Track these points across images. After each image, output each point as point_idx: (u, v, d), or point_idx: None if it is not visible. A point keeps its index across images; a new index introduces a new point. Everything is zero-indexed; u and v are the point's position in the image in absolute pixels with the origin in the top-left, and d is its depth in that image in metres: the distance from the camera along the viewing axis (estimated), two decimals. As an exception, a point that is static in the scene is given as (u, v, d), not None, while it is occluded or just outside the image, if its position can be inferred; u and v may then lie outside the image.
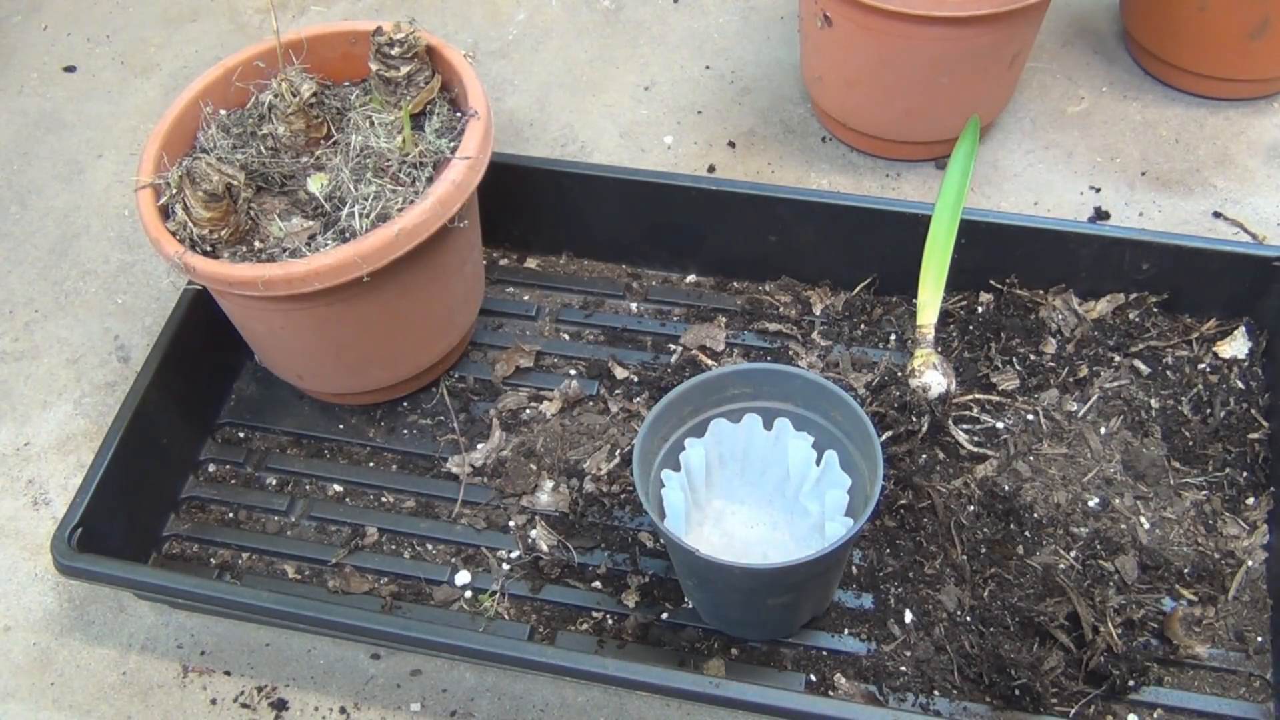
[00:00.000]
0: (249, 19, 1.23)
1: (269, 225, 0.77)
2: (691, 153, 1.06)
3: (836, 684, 0.73)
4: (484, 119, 0.79)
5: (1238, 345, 0.85)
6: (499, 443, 0.86)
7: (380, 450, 0.87)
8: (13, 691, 0.77)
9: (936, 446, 0.82)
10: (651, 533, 0.80)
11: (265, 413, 0.89)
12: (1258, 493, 0.79)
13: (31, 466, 0.89)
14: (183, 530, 0.84)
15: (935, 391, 0.81)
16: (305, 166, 0.80)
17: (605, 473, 0.83)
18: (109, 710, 0.76)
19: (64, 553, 0.73)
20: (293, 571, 0.81)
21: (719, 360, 0.89)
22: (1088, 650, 0.72)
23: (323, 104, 0.82)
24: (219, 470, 0.87)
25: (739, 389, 0.73)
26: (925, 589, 0.76)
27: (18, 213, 1.06)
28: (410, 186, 0.77)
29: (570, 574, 0.79)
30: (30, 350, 0.96)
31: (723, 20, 1.18)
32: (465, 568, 0.80)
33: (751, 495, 0.78)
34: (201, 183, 0.73)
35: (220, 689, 0.77)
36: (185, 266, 0.74)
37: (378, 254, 0.72)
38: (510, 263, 0.97)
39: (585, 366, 0.90)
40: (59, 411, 0.92)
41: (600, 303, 0.94)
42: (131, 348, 0.95)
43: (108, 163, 1.10)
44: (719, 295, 0.94)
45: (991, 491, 0.79)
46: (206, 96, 0.83)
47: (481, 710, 0.75)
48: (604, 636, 0.76)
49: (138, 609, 0.81)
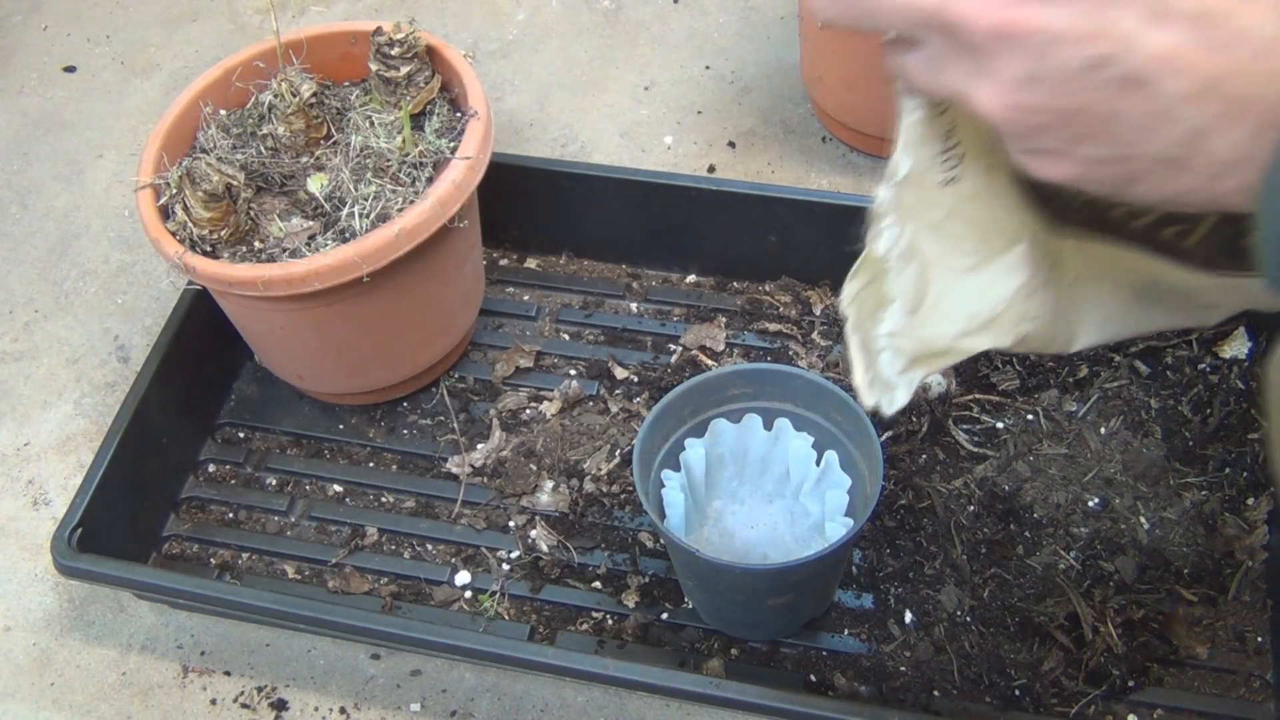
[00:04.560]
0: (249, 19, 1.23)
1: (269, 225, 0.77)
2: (691, 153, 1.06)
3: (836, 684, 0.73)
4: (484, 119, 0.79)
5: (1238, 345, 0.85)
6: (499, 443, 0.86)
7: (380, 450, 0.87)
8: (13, 691, 0.77)
9: (936, 446, 0.82)
10: (651, 533, 0.80)
11: (265, 413, 0.89)
12: (1258, 493, 0.79)
13: (31, 466, 0.89)
14: (183, 530, 0.84)
15: (935, 391, 0.81)
16: (305, 166, 0.80)
17: (605, 473, 0.83)
18: (109, 710, 0.76)
19: (64, 553, 0.73)
20: (293, 571, 0.81)
21: (719, 360, 0.89)
22: (1088, 650, 0.72)
23: (323, 104, 0.82)
24: (219, 470, 0.87)
25: (739, 389, 0.73)
26: (925, 589, 0.76)
27: (18, 213, 1.06)
28: (410, 186, 0.77)
29: (570, 574, 0.79)
30: (30, 350, 0.96)
31: (723, 20, 1.18)
32: (465, 568, 0.80)
33: (751, 495, 0.78)
34: (201, 183, 0.73)
35: (220, 689, 0.77)
36: (185, 267, 0.74)
37: (378, 254, 0.72)
38: (510, 263, 0.97)
39: (585, 366, 0.90)
40: (59, 411, 0.92)
41: (600, 303, 0.94)
42: (131, 348, 0.95)
43: (108, 163, 1.10)
44: (719, 295, 0.94)
45: (991, 491, 0.79)
46: (206, 96, 0.83)
47: (481, 710, 0.75)
48: (604, 636, 0.76)
49: (138, 609, 0.81)
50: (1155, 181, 0.32)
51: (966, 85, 0.33)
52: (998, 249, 0.44)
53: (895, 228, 0.44)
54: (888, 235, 0.44)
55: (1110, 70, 0.30)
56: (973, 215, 0.44)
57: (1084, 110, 0.31)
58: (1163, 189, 0.32)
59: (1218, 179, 0.30)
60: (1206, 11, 0.29)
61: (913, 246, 0.44)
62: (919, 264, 0.44)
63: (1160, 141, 0.30)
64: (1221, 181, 0.30)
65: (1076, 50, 0.30)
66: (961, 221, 0.44)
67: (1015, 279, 0.44)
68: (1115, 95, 0.30)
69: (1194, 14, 0.29)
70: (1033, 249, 0.45)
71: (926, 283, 0.45)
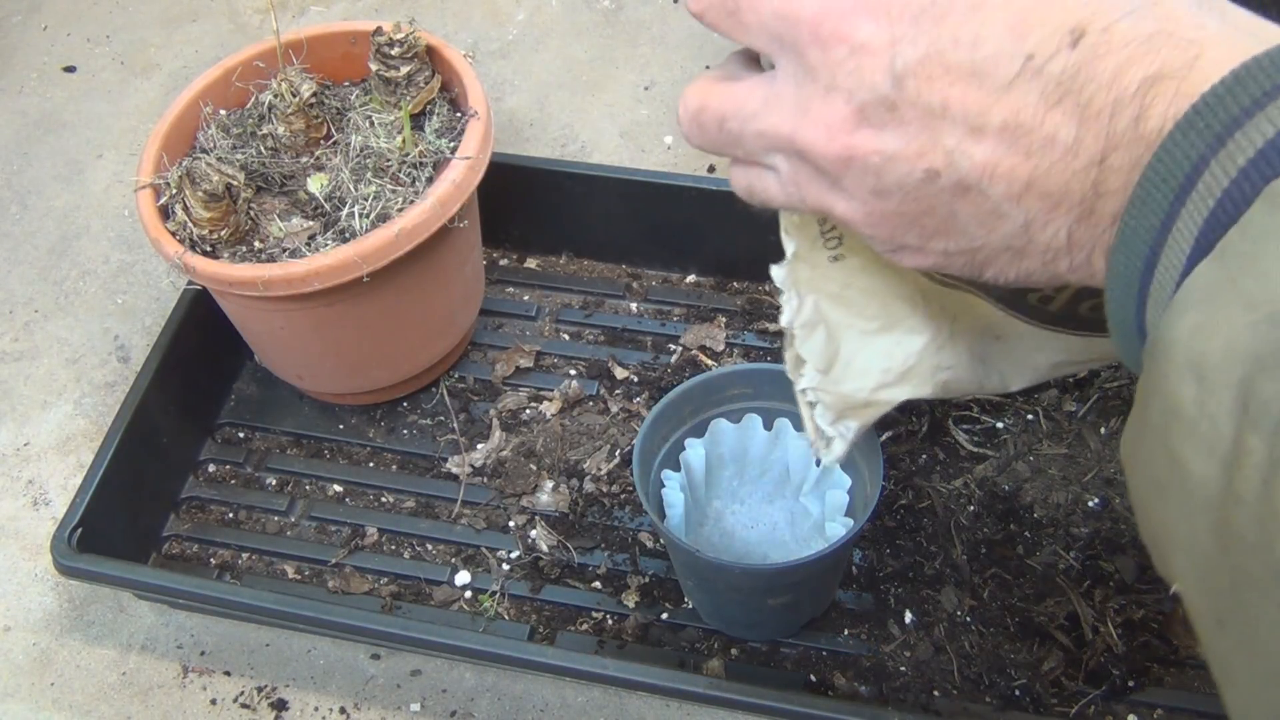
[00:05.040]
0: (249, 19, 1.23)
1: (269, 225, 0.77)
2: (691, 153, 1.06)
3: (836, 684, 0.73)
4: (484, 119, 0.79)
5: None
6: (499, 443, 0.86)
7: (380, 450, 0.87)
8: (13, 691, 0.77)
9: (936, 446, 0.82)
10: (651, 533, 0.80)
11: (265, 413, 0.89)
12: (1258, 493, 0.79)
13: (31, 466, 0.89)
14: (183, 530, 0.84)
15: (935, 391, 0.81)
16: (305, 166, 0.80)
17: (605, 473, 0.83)
18: (109, 710, 0.76)
19: (64, 553, 0.73)
20: (293, 571, 0.81)
21: (719, 360, 0.89)
22: (1088, 650, 0.72)
23: (323, 104, 0.82)
24: (219, 470, 0.87)
25: (739, 389, 0.73)
26: (925, 589, 0.76)
27: (18, 213, 1.06)
28: (410, 186, 0.77)
29: (570, 574, 0.79)
30: (30, 350, 0.96)
31: (723, 20, 1.18)
32: (465, 568, 0.80)
33: (751, 495, 0.78)
34: (201, 183, 0.73)
35: (220, 689, 0.77)
36: (185, 267, 0.74)
37: (378, 254, 0.73)
38: (510, 263, 0.97)
39: (585, 366, 0.90)
40: (59, 411, 0.92)
41: (600, 303, 0.94)
42: (131, 348, 0.95)
43: (108, 163, 1.10)
44: (719, 295, 0.94)
45: (991, 491, 0.79)
46: (206, 96, 0.83)
47: (481, 710, 0.75)
48: (604, 637, 0.76)
49: (138, 609, 0.81)
50: (1003, 266, 0.36)
51: (827, 201, 0.37)
52: (898, 313, 0.48)
53: (794, 300, 0.48)
54: (788, 309, 0.48)
55: (943, 180, 0.34)
56: (867, 285, 0.48)
57: (929, 213, 0.35)
58: (1012, 272, 0.36)
59: (1053, 262, 0.35)
60: (1015, 124, 0.32)
61: (818, 313, 0.48)
62: (826, 329, 0.48)
63: (999, 234, 0.35)
64: (1057, 264, 0.35)
65: (911, 167, 0.34)
66: (858, 291, 0.48)
67: (920, 336, 0.48)
68: (952, 200, 0.34)
69: (1005, 126, 0.32)
70: (930, 306, 0.48)
71: (837, 344, 0.49)
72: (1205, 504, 0.28)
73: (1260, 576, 0.27)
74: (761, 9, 0.36)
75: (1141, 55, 0.31)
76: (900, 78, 0.33)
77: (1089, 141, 0.32)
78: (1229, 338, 0.27)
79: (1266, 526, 0.26)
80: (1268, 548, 0.26)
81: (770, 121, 0.37)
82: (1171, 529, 0.30)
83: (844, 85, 0.35)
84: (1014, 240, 0.35)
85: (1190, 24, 0.31)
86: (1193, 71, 0.30)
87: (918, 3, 0.33)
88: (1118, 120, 0.31)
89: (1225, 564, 0.28)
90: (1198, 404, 0.28)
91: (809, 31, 0.35)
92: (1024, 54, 0.32)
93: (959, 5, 0.33)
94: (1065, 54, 0.32)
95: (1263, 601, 0.27)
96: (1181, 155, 0.29)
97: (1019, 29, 0.32)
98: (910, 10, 0.33)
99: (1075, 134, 0.32)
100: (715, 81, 0.40)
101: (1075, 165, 0.32)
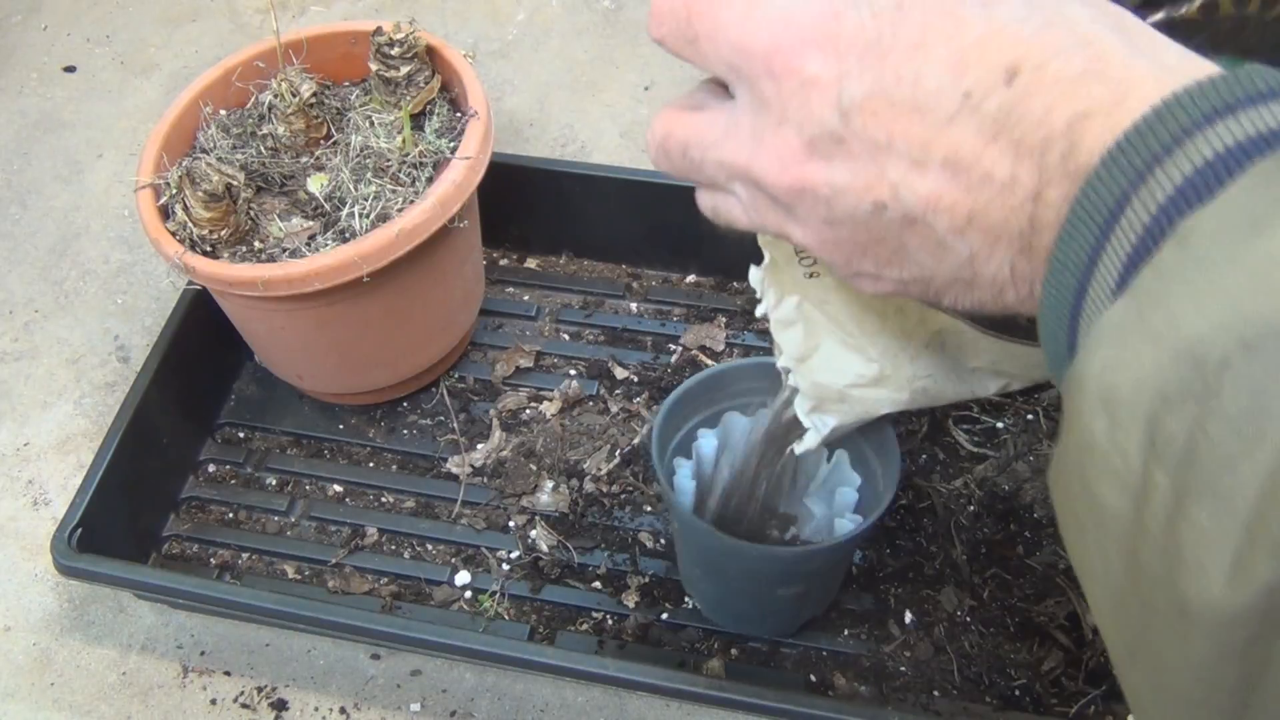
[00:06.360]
0: (249, 19, 1.23)
1: (269, 225, 0.77)
2: (691, 153, 1.06)
3: (836, 684, 0.73)
4: (484, 119, 0.79)
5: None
6: (499, 443, 0.86)
7: (380, 450, 0.87)
8: (13, 691, 0.77)
9: (936, 446, 0.82)
10: (652, 532, 0.80)
11: (265, 413, 0.89)
12: (1258, 493, 0.79)
13: (31, 466, 0.89)
14: (183, 530, 0.84)
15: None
16: (305, 166, 0.80)
17: (605, 473, 0.83)
18: (109, 710, 0.76)
19: (64, 553, 0.73)
20: (293, 571, 0.81)
21: (719, 360, 0.89)
22: (1088, 650, 0.72)
23: (323, 104, 0.82)
24: (219, 470, 0.87)
25: (754, 383, 0.73)
26: (925, 589, 0.76)
27: (18, 213, 1.06)
28: (410, 186, 0.77)
29: (570, 574, 0.79)
30: (30, 350, 0.96)
31: (723, 20, 1.18)
32: (465, 568, 0.80)
33: (755, 493, 0.77)
34: (201, 183, 0.73)
35: (220, 689, 0.77)
36: (185, 267, 0.74)
37: (378, 254, 0.72)
38: (510, 263, 0.97)
39: (585, 366, 0.90)
40: (59, 411, 0.92)
41: (600, 303, 0.94)
42: (131, 348, 0.95)
43: (108, 163, 1.10)
44: (719, 295, 0.94)
45: (991, 491, 0.79)
46: (206, 96, 0.83)
47: (481, 710, 0.75)
48: (604, 637, 0.76)
49: (138, 609, 0.81)
50: (958, 295, 0.37)
51: (785, 227, 0.38)
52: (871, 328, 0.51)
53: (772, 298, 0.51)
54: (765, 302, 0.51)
55: (890, 213, 0.35)
56: (843, 300, 0.50)
57: (880, 242, 0.36)
58: (966, 301, 0.37)
59: (1001, 295, 0.35)
60: (956, 159, 0.33)
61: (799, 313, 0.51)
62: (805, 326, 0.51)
63: (947, 265, 0.35)
64: (1005, 296, 0.35)
65: (859, 199, 0.35)
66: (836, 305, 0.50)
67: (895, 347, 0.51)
68: (900, 231, 0.35)
69: (946, 161, 0.33)
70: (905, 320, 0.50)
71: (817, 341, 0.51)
72: (1118, 536, 0.28)
73: (1165, 610, 0.27)
74: (719, 39, 0.37)
75: (1071, 93, 0.31)
76: (847, 112, 0.34)
77: (1024, 177, 0.32)
78: (1137, 374, 0.27)
79: (1170, 561, 0.26)
80: (1171, 583, 0.27)
81: (728, 150, 0.38)
82: (1090, 560, 0.31)
83: (794, 118, 0.35)
84: (962, 272, 0.35)
85: (1119, 63, 0.31)
86: (1118, 108, 0.30)
87: (864, 38, 0.34)
88: (1049, 156, 0.31)
89: (1135, 597, 0.28)
90: (1109, 438, 0.28)
91: (762, 64, 0.36)
92: (962, 91, 0.32)
93: (902, 42, 0.33)
94: (1000, 91, 0.32)
95: (1167, 635, 0.27)
96: (1106, 192, 0.30)
97: (958, 67, 0.33)
98: (856, 46, 0.34)
99: (1011, 170, 0.32)
100: (680, 110, 0.40)
101: (1012, 201, 0.33)
